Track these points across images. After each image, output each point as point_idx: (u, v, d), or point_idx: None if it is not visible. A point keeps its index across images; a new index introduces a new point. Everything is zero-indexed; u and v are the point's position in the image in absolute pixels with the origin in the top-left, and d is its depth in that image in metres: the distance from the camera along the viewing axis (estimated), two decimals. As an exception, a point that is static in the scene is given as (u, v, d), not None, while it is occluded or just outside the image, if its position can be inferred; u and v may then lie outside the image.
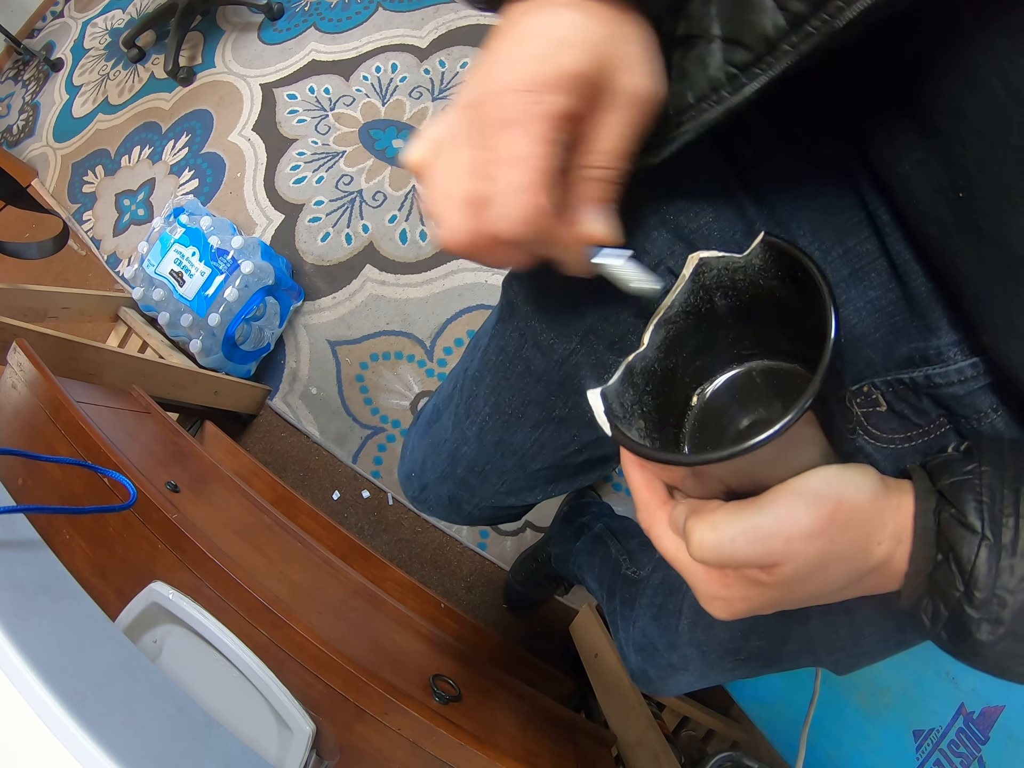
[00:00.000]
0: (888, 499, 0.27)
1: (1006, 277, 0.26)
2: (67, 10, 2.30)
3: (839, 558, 0.26)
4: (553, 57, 0.25)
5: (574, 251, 0.30)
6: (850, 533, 0.26)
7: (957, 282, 0.30)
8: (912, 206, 0.30)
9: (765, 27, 0.24)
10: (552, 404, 0.47)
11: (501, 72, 0.25)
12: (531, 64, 0.25)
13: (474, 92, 0.27)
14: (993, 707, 0.66)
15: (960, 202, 0.26)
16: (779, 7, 0.23)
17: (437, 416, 0.56)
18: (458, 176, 0.27)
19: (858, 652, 0.46)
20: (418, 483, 0.58)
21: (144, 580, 0.53)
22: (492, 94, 0.25)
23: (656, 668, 0.57)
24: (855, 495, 0.26)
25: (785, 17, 0.24)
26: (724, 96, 0.27)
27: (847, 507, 0.25)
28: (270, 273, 1.35)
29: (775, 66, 0.25)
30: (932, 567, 0.26)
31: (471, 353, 0.52)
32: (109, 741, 0.34)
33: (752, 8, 0.24)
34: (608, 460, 0.55)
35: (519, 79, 0.25)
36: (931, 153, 0.27)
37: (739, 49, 0.25)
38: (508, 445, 0.50)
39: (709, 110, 0.27)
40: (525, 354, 0.45)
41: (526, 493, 0.55)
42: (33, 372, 0.67)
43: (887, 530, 0.26)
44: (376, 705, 0.51)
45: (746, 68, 0.25)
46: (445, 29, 1.69)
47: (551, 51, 0.25)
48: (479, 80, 0.26)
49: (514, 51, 0.25)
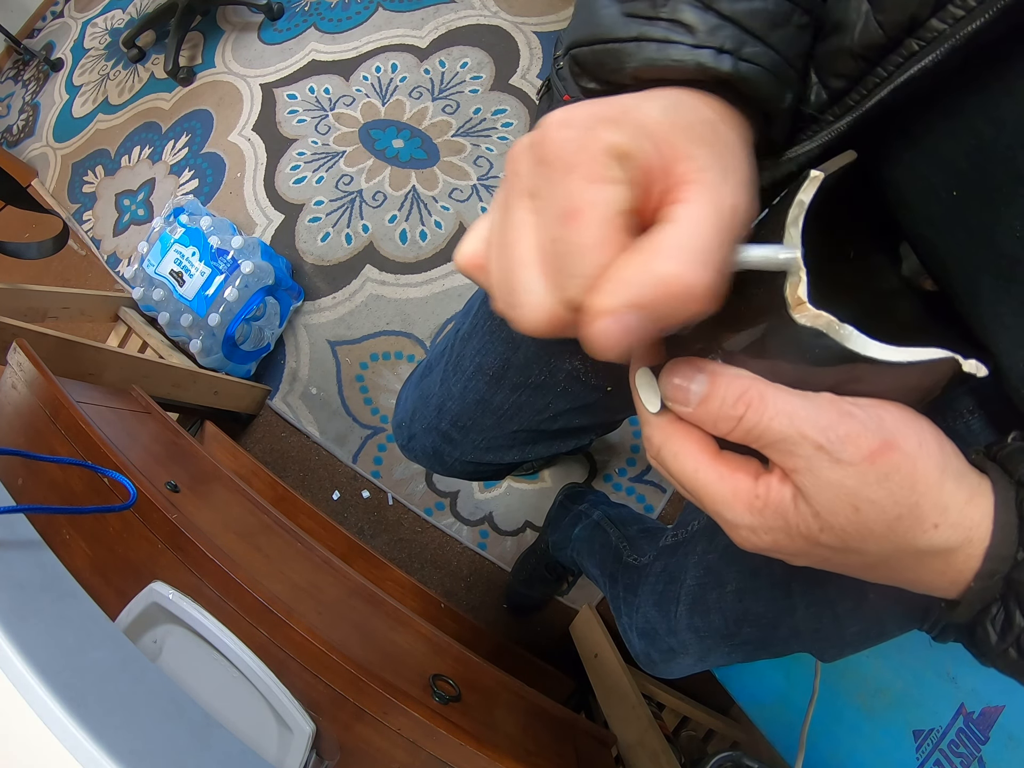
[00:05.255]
0: (960, 483, 0.23)
1: (996, 276, 0.26)
2: (67, 10, 2.30)
3: (876, 507, 0.22)
4: (634, 106, 0.22)
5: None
6: (890, 485, 0.22)
7: (948, 281, 0.30)
8: (905, 207, 0.30)
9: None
10: (530, 371, 0.51)
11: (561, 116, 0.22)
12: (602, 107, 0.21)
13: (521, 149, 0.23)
14: (993, 707, 0.66)
15: (952, 202, 0.26)
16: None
17: (429, 371, 0.60)
18: (523, 241, 0.22)
19: (841, 642, 0.47)
20: (407, 432, 0.62)
21: (144, 580, 0.53)
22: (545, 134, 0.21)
23: (658, 652, 0.59)
24: (914, 450, 0.22)
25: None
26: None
27: (897, 457, 0.22)
28: (270, 273, 1.35)
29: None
30: (1010, 567, 0.23)
31: (463, 316, 0.56)
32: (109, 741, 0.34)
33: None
34: (584, 431, 0.59)
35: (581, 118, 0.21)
36: (924, 152, 0.27)
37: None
38: (488, 404, 0.54)
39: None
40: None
41: (504, 452, 0.58)
42: (33, 372, 0.67)
43: (948, 515, 0.23)
44: (376, 705, 0.51)
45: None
46: (445, 29, 1.69)
47: (634, 102, 0.22)
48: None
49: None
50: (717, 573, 0.53)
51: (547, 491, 1.29)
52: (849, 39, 0.25)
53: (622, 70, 0.25)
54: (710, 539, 0.56)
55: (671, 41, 0.23)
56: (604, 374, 0.50)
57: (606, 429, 0.64)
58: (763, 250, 0.22)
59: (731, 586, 0.51)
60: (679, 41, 0.23)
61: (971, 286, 0.28)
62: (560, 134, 0.21)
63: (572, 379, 0.50)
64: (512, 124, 1.54)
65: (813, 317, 0.22)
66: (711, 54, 0.23)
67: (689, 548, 0.59)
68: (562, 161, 0.20)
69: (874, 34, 0.24)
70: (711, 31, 0.23)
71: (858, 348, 0.22)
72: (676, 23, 0.24)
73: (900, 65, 0.23)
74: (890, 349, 0.22)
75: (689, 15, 0.23)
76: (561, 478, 1.30)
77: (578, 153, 0.20)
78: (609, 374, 0.49)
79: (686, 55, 0.23)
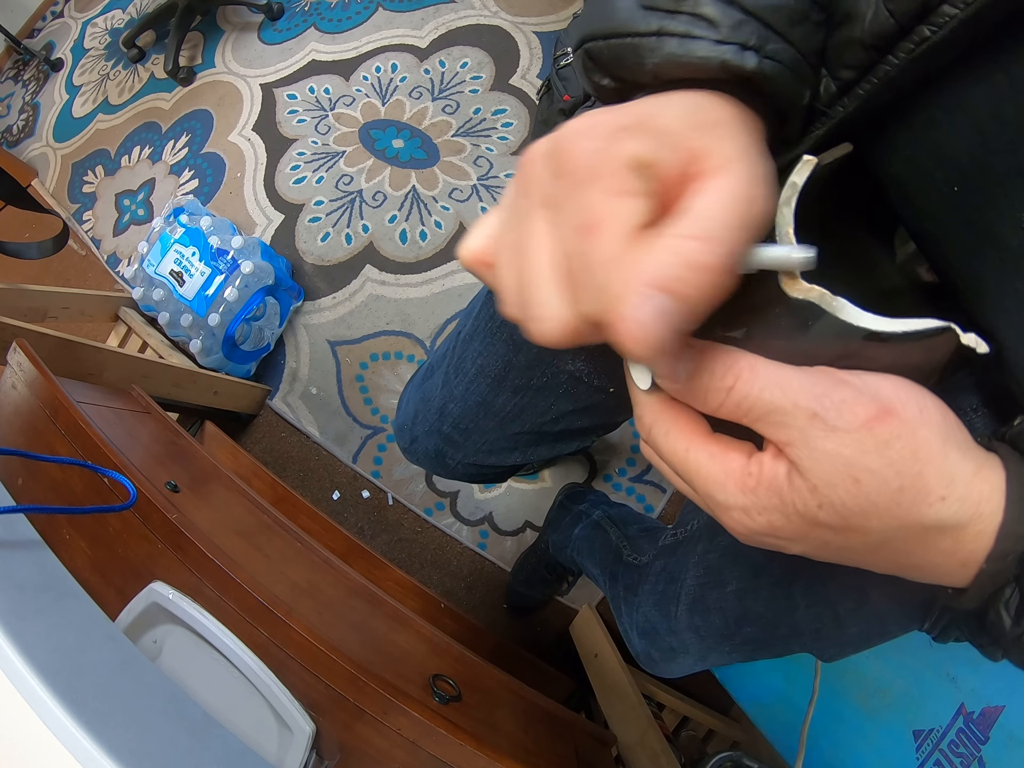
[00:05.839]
0: (965, 455, 0.22)
1: (999, 270, 0.26)
2: (67, 10, 2.30)
3: (876, 477, 0.21)
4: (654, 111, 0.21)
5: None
6: (890, 453, 0.21)
7: (951, 276, 0.30)
8: (906, 201, 0.30)
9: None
10: (532, 373, 0.51)
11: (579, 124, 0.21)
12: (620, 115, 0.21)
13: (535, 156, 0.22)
14: (993, 707, 0.66)
15: (954, 195, 0.26)
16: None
17: (431, 373, 0.60)
18: (540, 249, 0.21)
19: (842, 642, 0.47)
20: (409, 435, 0.62)
21: (144, 580, 0.53)
22: (564, 142, 0.21)
23: (659, 651, 0.59)
24: (915, 417, 0.21)
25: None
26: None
27: (896, 423, 0.21)
28: (270, 273, 1.35)
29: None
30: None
31: (465, 318, 0.56)
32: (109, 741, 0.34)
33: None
34: (586, 432, 0.59)
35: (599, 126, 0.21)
36: (925, 146, 0.27)
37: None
38: (490, 406, 0.54)
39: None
40: (510, 323, 0.48)
41: (506, 454, 0.58)
42: (33, 372, 0.67)
43: (954, 487, 0.21)
44: (376, 705, 0.51)
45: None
46: (445, 29, 1.69)
47: (654, 109, 0.22)
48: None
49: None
50: (717, 573, 0.53)
51: (547, 491, 1.29)
52: (859, 29, 0.24)
53: (642, 66, 0.24)
54: (711, 538, 0.56)
55: (693, 36, 0.23)
56: (606, 375, 0.49)
57: (607, 429, 0.64)
58: (777, 250, 0.22)
59: (731, 586, 0.51)
60: (701, 36, 0.23)
61: (974, 280, 0.28)
62: (581, 144, 0.20)
63: (574, 380, 0.50)
64: (512, 124, 1.54)
65: (806, 290, 0.22)
66: (735, 50, 0.22)
67: (689, 547, 0.59)
68: (582, 172, 0.20)
69: (885, 23, 0.23)
70: (735, 26, 0.22)
71: (851, 319, 0.21)
72: (698, 17, 0.23)
73: (911, 52, 0.23)
74: (884, 320, 0.21)
75: (711, 9, 0.23)
76: (561, 478, 1.30)
77: (599, 165, 0.20)
78: (611, 375, 0.49)
79: (710, 51, 0.23)
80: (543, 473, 1.31)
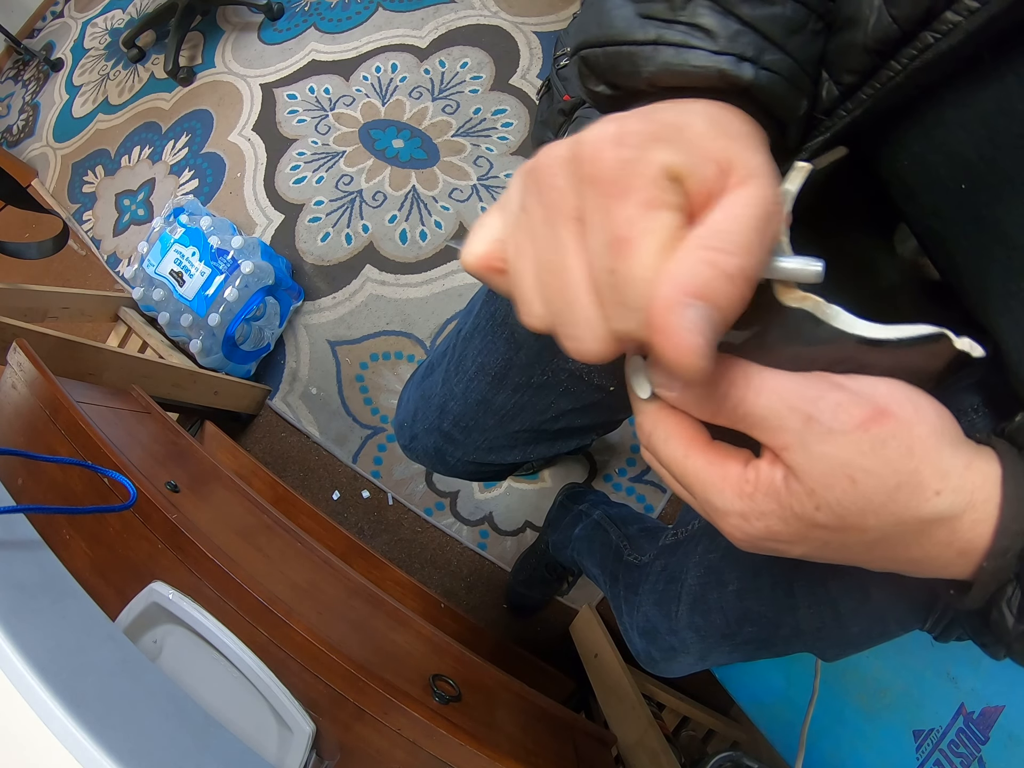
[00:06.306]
0: (957, 450, 0.22)
1: (1006, 268, 0.26)
2: (67, 10, 2.30)
3: (873, 476, 0.21)
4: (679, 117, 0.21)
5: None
6: (886, 452, 0.21)
7: (957, 275, 0.29)
8: (912, 199, 0.30)
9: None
10: (532, 371, 0.51)
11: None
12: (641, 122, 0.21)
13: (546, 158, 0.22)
14: (993, 707, 0.66)
15: (961, 193, 0.26)
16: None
17: (431, 371, 0.60)
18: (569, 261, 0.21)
19: (843, 642, 0.47)
20: (408, 433, 0.62)
21: (144, 580, 0.53)
22: (585, 148, 0.21)
23: (659, 650, 0.59)
24: (910, 416, 0.21)
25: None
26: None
27: (891, 423, 0.21)
28: (270, 273, 1.35)
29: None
30: (1023, 543, 0.22)
31: (465, 316, 0.56)
32: (109, 741, 0.34)
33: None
34: (587, 431, 0.59)
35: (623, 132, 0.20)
36: (932, 144, 0.27)
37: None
38: (490, 404, 0.54)
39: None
40: (511, 321, 0.49)
41: (506, 452, 0.59)
42: (33, 372, 0.67)
43: (949, 480, 0.22)
44: (376, 705, 0.51)
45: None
46: (445, 29, 1.69)
47: (682, 118, 0.21)
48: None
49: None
50: (718, 572, 0.53)
51: (547, 491, 1.29)
52: (862, 34, 0.24)
53: (637, 74, 0.24)
54: (711, 538, 0.56)
55: (690, 46, 0.23)
56: (606, 373, 0.50)
57: (607, 428, 0.64)
58: (792, 262, 0.22)
59: (732, 585, 0.51)
60: (698, 46, 0.23)
61: (979, 279, 0.28)
62: (611, 153, 0.20)
63: (574, 379, 0.50)
64: (512, 124, 1.54)
65: (800, 299, 0.22)
66: (732, 61, 0.23)
67: (690, 547, 0.59)
68: (614, 183, 0.20)
69: (888, 28, 0.23)
70: (732, 37, 0.23)
71: (846, 327, 0.22)
72: (695, 27, 0.23)
73: (914, 58, 0.23)
74: (879, 327, 0.22)
75: (708, 19, 0.23)
76: (561, 478, 1.30)
77: (631, 175, 0.20)
78: (611, 373, 0.49)
79: (707, 61, 0.23)
80: (543, 473, 1.31)
